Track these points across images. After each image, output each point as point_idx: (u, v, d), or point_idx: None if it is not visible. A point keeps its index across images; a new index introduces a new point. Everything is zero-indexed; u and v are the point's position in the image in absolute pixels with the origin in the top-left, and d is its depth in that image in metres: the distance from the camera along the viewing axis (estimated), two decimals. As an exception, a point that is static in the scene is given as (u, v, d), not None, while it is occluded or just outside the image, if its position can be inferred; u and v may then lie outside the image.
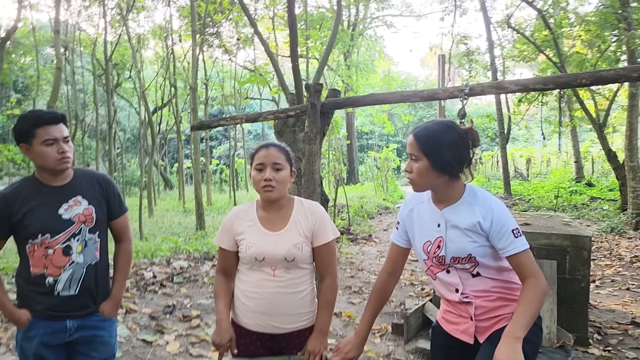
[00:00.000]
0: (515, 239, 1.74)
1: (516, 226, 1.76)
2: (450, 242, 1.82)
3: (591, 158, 21.96)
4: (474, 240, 1.78)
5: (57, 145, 2.02)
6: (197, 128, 5.00)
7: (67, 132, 2.08)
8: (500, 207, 1.79)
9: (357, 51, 19.97)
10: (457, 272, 1.85)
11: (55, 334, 2.07)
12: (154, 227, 11.12)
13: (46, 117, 2.02)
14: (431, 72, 43.05)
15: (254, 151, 2.05)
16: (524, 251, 1.73)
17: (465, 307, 1.86)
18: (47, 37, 18.76)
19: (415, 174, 1.82)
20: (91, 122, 21.35)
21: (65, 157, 2.05)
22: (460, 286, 1.85)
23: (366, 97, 4.12)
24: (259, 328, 2.01)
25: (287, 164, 2.02)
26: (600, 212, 11.18)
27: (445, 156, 1.76)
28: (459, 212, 1.82)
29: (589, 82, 3.30)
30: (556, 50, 10.92)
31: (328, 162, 16.27)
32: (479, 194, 1.84)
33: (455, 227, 1.82)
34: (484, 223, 1.76)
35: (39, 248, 2.03)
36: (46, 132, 2.00)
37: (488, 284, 1.83)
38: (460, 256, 1.80)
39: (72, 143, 2.12)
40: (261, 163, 1.98)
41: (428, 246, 1.89)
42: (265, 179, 1.95)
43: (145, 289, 5.28)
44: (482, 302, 1.84)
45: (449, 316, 1.96)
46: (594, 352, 3.79)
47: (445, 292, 1.91)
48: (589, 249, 3.97)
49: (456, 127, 1.82)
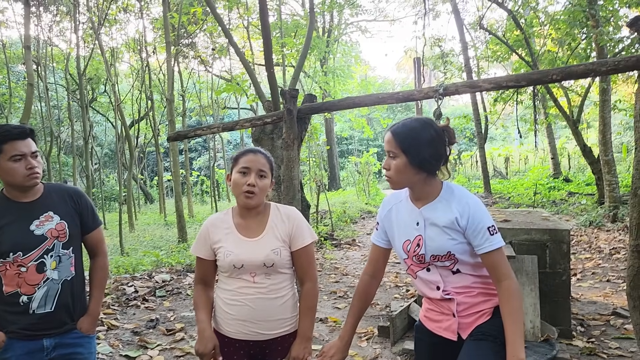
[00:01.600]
0: (491, 236, 1.75)
1: (492, 224, 1.77)
2: (429, 240, 1.82)
3: (567, 154, 22.34)
4: (452, 238, 1.79)
5: (25, 160, 1.98)
6: (174, 139, 4.94)
7: (35, 147, 2.04)
8: (476, 204, 1.80)
9: (334, 57, 20.06)
10: (438, 270, 1.85)
11: (32, 354, 2.02)
12: (135, 241, 10.98)
13: (13, 133, 1.97)
14: (407, 75, 43.47)
15: (238, 154, 2.03)
16: (499, 249, 1.75)
17: (447, 304, 1.87)
18: (17, 54, 18.45)
19: (393, 171, 1.81)
20: (67, 138, 21.04)
21: (34, 172, 2.00)
22: (441, 284, 1.86)
23: (342, 100, 4.12)
24: (241, 335, 1.98)
25: (269, 173, 2.01)
26: (579, 206, 11.37)
27: (424, 153, 1.77)
28: (437, 210, 1.82)
29: (559, 78, 3.35)
30: (528, 50, 11.11)
31: (309, 168, 16.26)
32: (455, 190, 1.84)
33: (433, 225, 1.82)
34: (461, 220, 1.77)
35: (11, 267, 1.97)
36: (13, 148, 1.95)
37: (469, 280, 1.84)
38: (440, 254, 1.81)
39: (40, 158, 2.08)
40: (247, 167, 1.96)
41: (408, 245, 1.88)
42: (249, 183, 1.93)
43: (127, 304, 5.19)
44: (463, 298, 1.84)
45: (431, 314, 1.96)
46: (577, 344, 3.83)
47: (427, 290, 1.91)
48: (568, 242, 4.02)
49: (433, 124, 1.83)
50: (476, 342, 1.77)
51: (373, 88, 21.64)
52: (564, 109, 11.13)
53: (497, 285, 1.76)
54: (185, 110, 18.24)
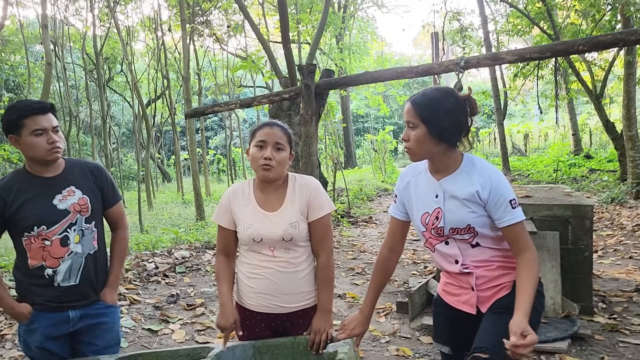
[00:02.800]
0: (513, 209, 1.72)
1: (514, 197, 1.74)
2: (448, 212, 1.79)
3: (589, 130, 21.92)
4: (472, 211, 1.76)
5: (47, 135, 1.98)
6: (192, 116, 4.95)
7: (56, 122, 2.03)
8: (499, 176, 1.76)
9: (349, 33, 19.80)
10: (456, 243, 1.83)
11: (58, 325, 2.05)
12: (154, 219, 11.11)
13: (34, 107, 1.97)
14: (424, 51, 42.77)
15: (256, 128, 2.01)
16: (520, 223, 1.73)
17: (465, 277, 1.84)
18: (35, 34, 18.55)
19: (412, 142, 1.77)
20: (85, 117, 21.23)
21: (56, 147, 2.00)
22: (460, 257, 1.83)
23: (360, 75, 4.08)
24: (263, 309, 1.99)
25: (287, 145, 1.98)
26: (600, 183, 11.17)
27: (444, 123, 1.73)
28: (457, 182, 1.79)
29: (586, 49, 3.26)
30: (550, 22, 10.81)
31: (325, 146, 16.22)
32: (477, 163, 1.81)
33: (453, 198, 1.79)
34: (482, 193, 1.74)
35: (36, 240, 2.00)
36: (34, 122, 1.96)
37: (488, 254, 1.81)
38: (459, 227, 1.78)
39: (61, 133, 2.08)
40: (263, 140, 1.94)
41: (426, 218, 1.85)
42: (265, 157, 1.91)
43: (148, 280, 5.26)
44: (482, 271, 1.82)
45: (450, 288, 1.94)
46: (599, 321, 3.79)
47: (445, 263, 1.89)
48: (590, 218, 3.96)
49: (454, 94, 1.79)
50: (496, 316, 1.75)
51: (389, 65, 21.33)
52: (587, 84, 10.87)
53: (517, 257, 1.74)
54: (202, 89, 18.24)
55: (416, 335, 3.77)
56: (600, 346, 3.38)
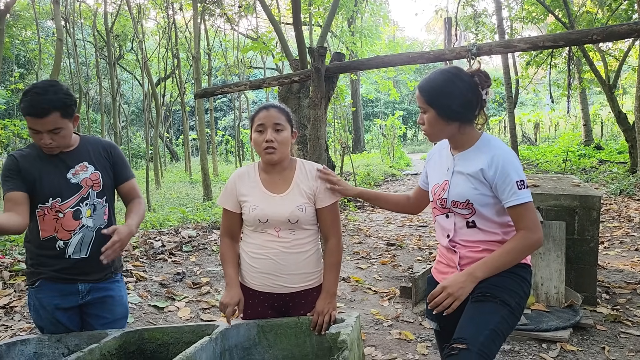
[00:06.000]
0: (519, 190, 1.72)
1: (522, 178, 1.74)
2: (453, 185, 1.85)
3: (600, 121, 21.69)
4: (475, 187, 1.79)
5: (41, 135, 1.97)
6: (201, 96, 4.95)
7: (56, 124, 1.95)
8: (509, 157, 1.77)
9: (361, 16, 19.58)
10: (454, 219, 1.87)
11: (67, 296, 2.10)
12: (161, 198, 11.21)
13: (29, 111, 1.91)
14: (437, 36, 42.33)
15: (253, 114, 2.03)
16: (525, 204, 1.72)
17: (451, 255, 1.90)
18: (47, 10, 18.54)
19: (427, 126, 1.86)
20: (95, 95, 21.29)
21: (48, 147, 2.00)
22: (451, 232, 1.87)
23: (371, 59, 4.05)
24: (265, 288, 2.02)
25: (287, 124, 1.99)
26: (609, 174, 11.09)
27: (450, 104, 1.77)
28: (468, 158, 1.84)
29: (600, 38, 3.22)
30: (565, 10, 10.63)
31: (334, 130, 16.17)
32: (492, 142, 1.83)
33: (460, 172, 1.84)
34: (488, 171, 1.76)
35: (49, 212, 2.04)
36: (31, 122, 1.94)
37: (479, 236, 1.83)
38: (459, 200, 1.82)
39: (67, 131, 2.01)
40: (261, 124, 1.95)
41: (436, 188, 1.94)
42: (266, 140, 1.93)
43: (155, 258, 5.33)
44: (467, 252, 1.85)
45: (440, 266, 2.00)
46: (602, 312, 3.80)
47: (439, 235, 1.97)
48: (598, 209, 3.94)
49: (460, 73, 1.80)
50: (476, 304, 1.74)
51: (401, 49, 21.13)
52: (600, 74, 10.73)
53: (517, 232, 1.76)
54: (211, 69, 18.19)
55: (419, 320, 3.80)
56: (602, 336, 3.39)
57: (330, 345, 1.96)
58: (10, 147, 20.76)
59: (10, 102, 21.67)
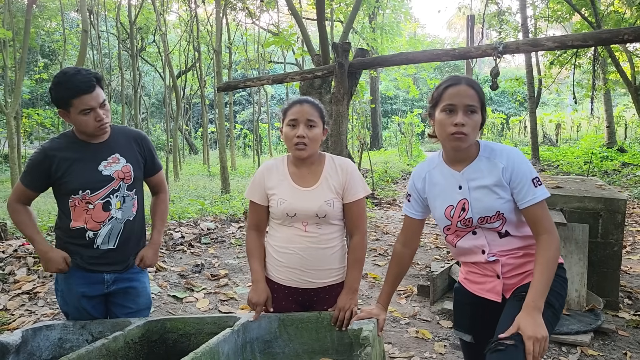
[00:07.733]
0: (535, 188, 1.70)
1: (536, 174, 1.72)
2: (475, 201, 1.77)
3: (624, 123, 21.27)
4: (500, 197, 1.74)
5: (94, 113, 2.00)
6: (224, 89, 4.98)
7: (102, 97, 2.03)
8: (519, 156, 1.75)
9: (383, 13, 19.46)
10: (484, 233, 1.80)
11: (93, 285, 2.14)
12: (180, 190, 11.29)
13: (82, 88, 1.95)
14: (458, 34, 41.86)
15: (286, 106, 2.00)
16: (541, 202, 1.70)
17: (491, 265, 1.82)
18: (71, 1, 18.77)
19: (471, 128, 1.70)
20: (117, 86, 21.52)
21: (103, 124, 2.04)
22: (486, 247, 1.81)
23: (395, 56, 4.03)
24: (291, 283, 2.02)
25: (320, 121, 1.98)
26: (633, 178, 10.88)
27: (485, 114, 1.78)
28: (481, 170, 1.77)
29: (631, 38, 3.15)
30: (592, 9, 10.42)
31: (352, 126, 16.13)
32: (495, 147, 1.80)
33: (479, 187, 1.76)
34: (505, 174, 1.73)
35: (80, 203, 2.07)
36: (82, 103, 1.96)
37: (515, 243, 1.79)
38: (488, 215, 1.75)
39: (108, 105, 2.08)
40: (294, 119, 1.94)
41: (451, 210, 1.82)
42: (298, 135, 1.92)
43: (174, 249, 5.39)
44: (508, 259, 1.80)
45: (473, 277, 1.92)
46: (624, 317, 3.74)
47: (468, 256, 1.87)
48: (623, 212, 3.87)
49: None
50: (519, 302, 1.71)
51: (422, 47, 21.00)
52: (626, 75, 10.52)
53: (537, 238, 1.71)
54: (232, 63, 18.25)
55: (436, 319, 3.79)
56: (624, 342, 3.34)
57: (351, 341, 1.96)
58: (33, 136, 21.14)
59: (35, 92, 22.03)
